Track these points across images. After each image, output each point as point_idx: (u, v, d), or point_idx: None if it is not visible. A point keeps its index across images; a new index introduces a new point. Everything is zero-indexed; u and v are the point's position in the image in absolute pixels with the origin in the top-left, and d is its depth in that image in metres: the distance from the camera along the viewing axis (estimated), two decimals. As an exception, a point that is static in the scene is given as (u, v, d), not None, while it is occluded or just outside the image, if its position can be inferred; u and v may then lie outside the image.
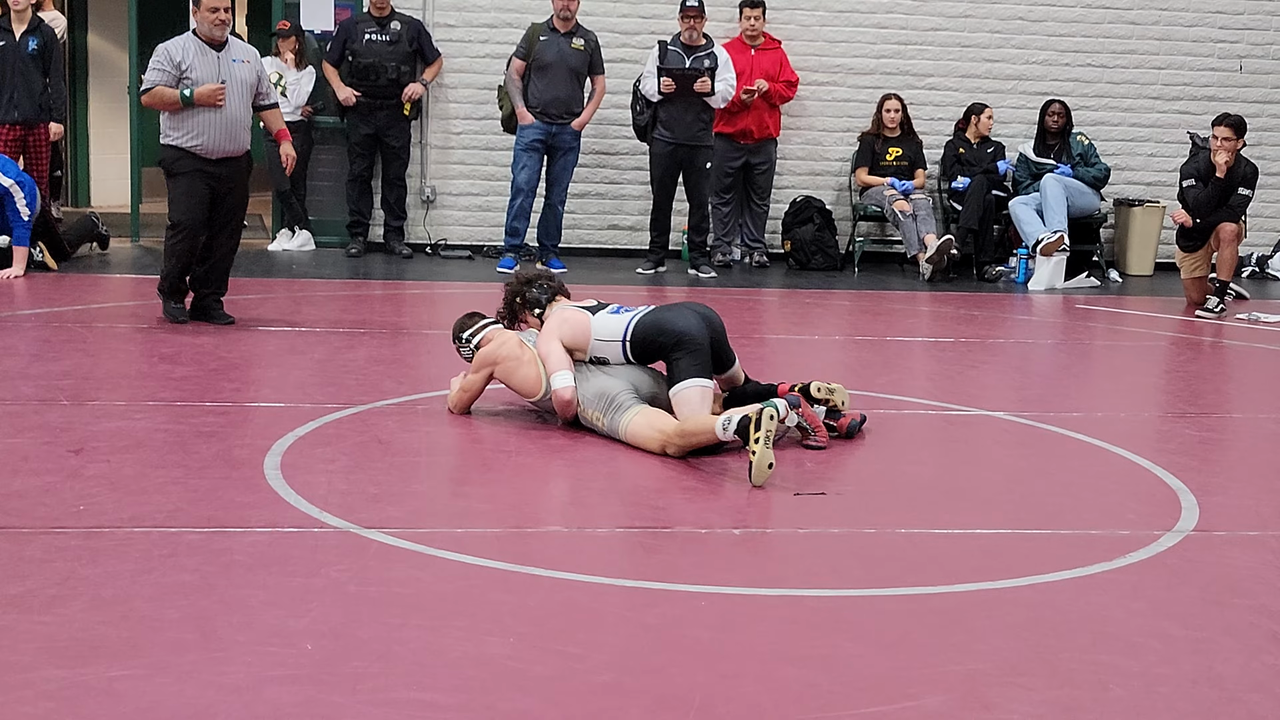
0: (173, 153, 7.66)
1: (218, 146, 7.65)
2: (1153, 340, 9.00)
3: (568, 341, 5.77)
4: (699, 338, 5.62)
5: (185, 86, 7.53)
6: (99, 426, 5.58)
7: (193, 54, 7.60)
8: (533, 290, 6.05)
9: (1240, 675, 3.52)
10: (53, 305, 8.46)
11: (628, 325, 5.74)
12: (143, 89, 7.67)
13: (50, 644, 3.43)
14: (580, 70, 10.84)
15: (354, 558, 4.15)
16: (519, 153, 10.86)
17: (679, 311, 5.76)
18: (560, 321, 5.83)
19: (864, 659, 3.54)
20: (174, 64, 7.56)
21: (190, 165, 7.63)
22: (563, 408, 5.71)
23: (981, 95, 12.17)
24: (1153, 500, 5.13)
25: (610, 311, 5.84)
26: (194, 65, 7.56)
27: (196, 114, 7.57)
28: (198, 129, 7.59)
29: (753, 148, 11.63)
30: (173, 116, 7.62)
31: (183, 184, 7.67)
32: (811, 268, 11.73)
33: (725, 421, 5.18)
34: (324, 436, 5.57)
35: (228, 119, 7.65)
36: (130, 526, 4.34)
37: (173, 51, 7.60)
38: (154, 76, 7.59)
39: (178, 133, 7.63)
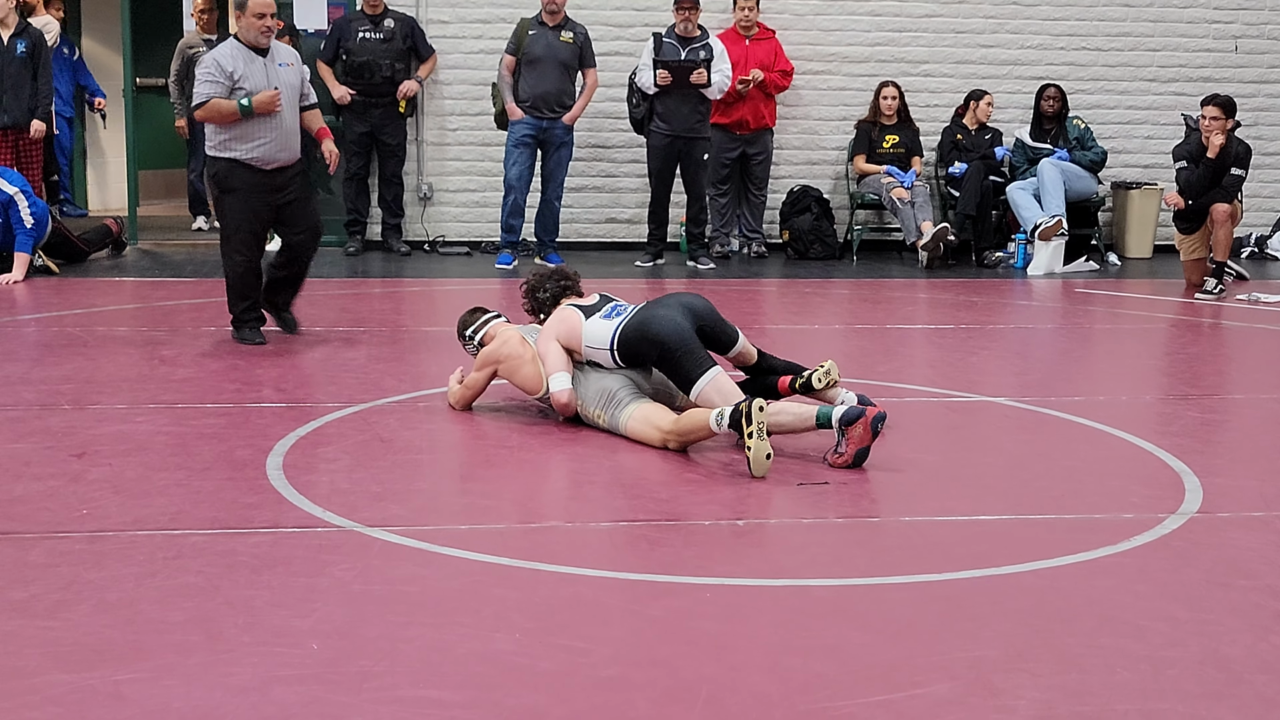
0: (228, 166, 7.27)
1: (274, 156, 7.30)
2: (1153, 323, 9.00)
3: (563, 341, 5.78)
4: (682, 338, 5.57)
5: (241, 96, 7.17)
6: (101, 430, 5.58)
7: (242, 62, 7.22)
8: (539, 294, 6.06)
9: (1247, 656, 3.52)
10: (53, 310, 8.46)
11: (614, 332, 5.70)
12: (196, 103, 7.23)
13: (56, 649, 3.43)
14: (570, 64, 10.80)
15: (358, 556, 4.15)
16: (510, 148, 10.83)
17: (659, 314, 5.66)
18: (557, 321, 5.84)
19: (870, 648, 3.54)
20: (226, 74, 7.16)
21: (246, 179, 7.26)
22: (561, 409, 5.73)
23: (977, 81, 12.16)
24: (1156, 483, 5.12)
25: (604, 315, 5.81)
26: (245, 74, 7.20)
27: (252, 124, 7.21)
28: (255, 139, 7.24)
29: (749, 138, 11.62)
30: (226, 129, 7.23)
31: (238, 199, 7.30)
32: (810, 257, 11.72)
33: (718, 416, 5.18)
34: (325, 436, 5.57)
35: (282, 126, 7.32)
36: (134, 530, 4.34)
37: (223, 61, 7.19)
38: (208, 89, 7.17)
39: (233, 145, 7.24)
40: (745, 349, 5.95)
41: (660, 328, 5.59)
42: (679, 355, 5.54)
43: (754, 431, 5.00)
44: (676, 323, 5.61)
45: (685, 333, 5.59)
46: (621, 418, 5.54)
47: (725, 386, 5.51)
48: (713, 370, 5.54)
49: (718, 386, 5.50)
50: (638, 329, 5.64)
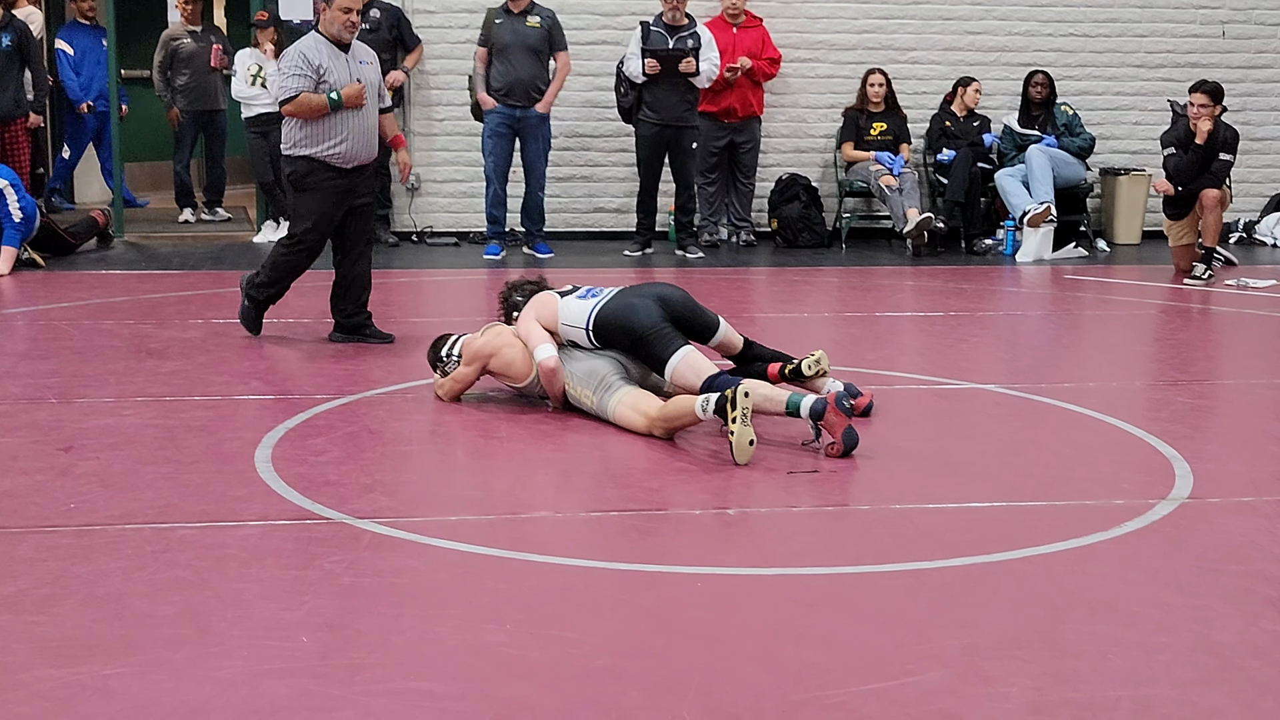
0: (306, 165, 7.07)
1: (355, 154, 7.15)
2: (1142, 309, 9.00)
3: (541, 321, 5.82)
4: (653, 323, 5.62)
5: (327, 89, 6.98)
6: (88, 424, 5.55)
7: (326, 56, 7.03)
8: (515, 296, 6.08)
9: (1238, 641, 3.52)
10: (39, 303, 8.42)
11: (590, 313, 5.73)
12: (284, 97, 7.00)
13: (44, 643, 3.41)
14: (539, 49, 10.68)
15: (348, 548, 4.14)
16: (485, 139, 10.77)
17: (632, 302, 5.70)
18: (534, 304, 5.88)
19: (862, 636, 3.54)
20: (312, 68, 6.96)
21: (324, 178, 7.08)
22: (548, 376, 5.69)
23: (965, 68, 12.15)
24: (1147, 469, 5.12)
25: (579, 296, 5.85)
26: (330, 68, 7.01)
27: (336, 120, 7.03)
28: (338, 136, 7.06)
29: (737, 126, 11.60)
30: (307, 125, 7.03)
31: (315, 199, 7.11)
32: (799, 245, 11.71)
33: (704, 402, 5.18)
34: (314, 427, 5.55)
35: (365, 124, 7.16)
36: (122, 523, 4.32)
37: (309, 54, 6.99)
38: (296, 83, 6.96)
39: (315, 142, 7.05)
40: (728, 337, 5.95)
41: (631, 316, 5.64)
42: (649, 339, 5.59)
43: (737, 418, 5.01)
44: (648, 309, 5.66)
45: (655, 318, 5.63)
46: (610, 402, 5.54)
47: (698, 363, 5.54)
48: (684, 349, 5.57)
49: (690, 364, 5.53)
50: (612, 315, 5.68)
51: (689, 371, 5.50)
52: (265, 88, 11.15)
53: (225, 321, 7.80)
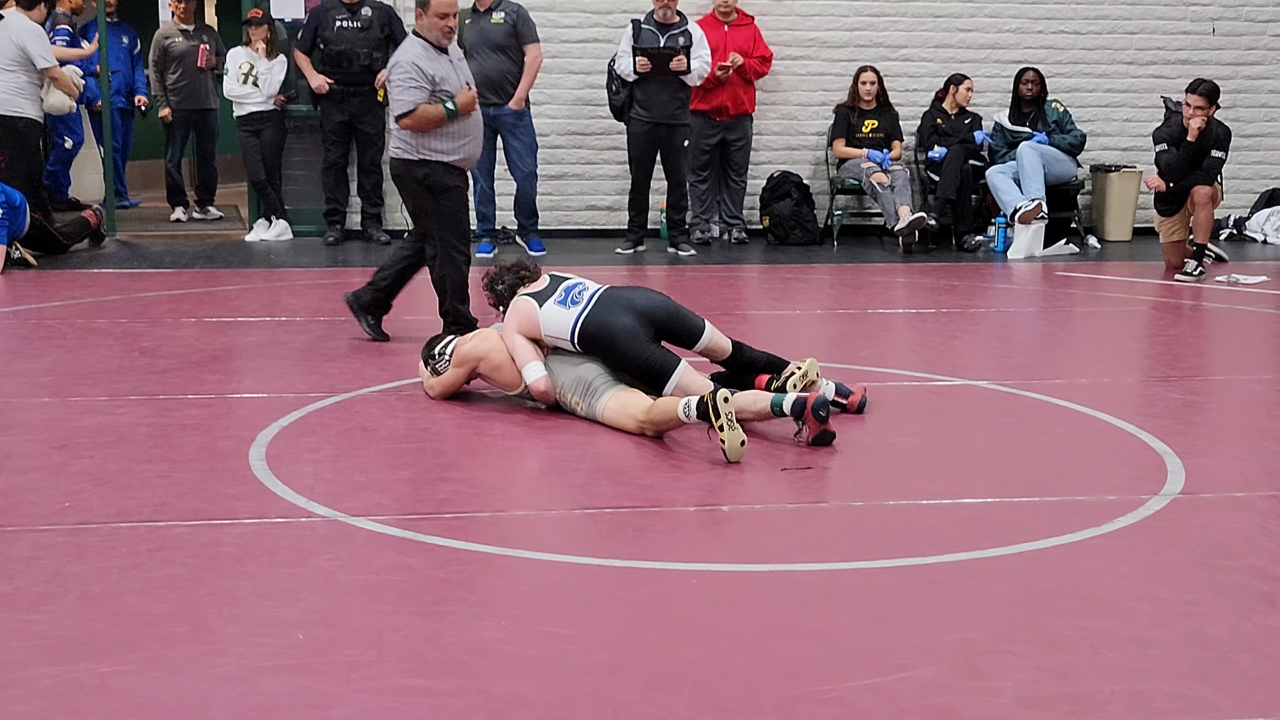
0: (441, 169, 7.00)
1: (474, 154, 7.14)
2: (1133, 305, 9.02)
3: (524, 331, 5.84)
4: (640, 350, 5.66)
5: (444, 99, 6.93)
6: (82, 422, 5.55)
7: (435, 63, 6.95)
8: (498, 286, 6.09)
9: (1231, 636, 3.53)
10: (32, 302, 8.42)
11: (574, 325, 5.75)
12: (401, 111, 6.89)
13: (41, 641, 3.42)
14: (506, 45, 10.54)
15: (342, 546, 4.15)
16: None
17: (615, 325, 5.70)
18: (514, 314, 5.90)
19: (857, 631, 3.55)
20: (427, 78, 6.87)
21: (456, 179, 7.06)
22: (540, 397, 5.77)
23: (956, 65, 12.16)
24: (1139, 465, 5.14)
25: (558, 302, 5.85)
26: (443, 75, 6.94)
27: (457, 125, 6.99)
28: (462, 141, 7.03)
29: (728, 124, 11.60)
30: (433, 133, 6.95)
31: (453, 199, 7.06)
32: (790, 243, 11.73)
33: (686, 406, 5.22)
34: (308, 426, 5.56)
35: (477, 124, 7.14)
36: (117, 522, 4.32)
37: (423, 65, 6.89)
38: (415, 95, 6.86)
39: (446, 148, 6.98)
40: (715, 342, 5.96)
41: (616, 340, 5.68)
42: (641, 365, 5.66)
43: (724, 424, 5.03)
44: (633, 332, 5.69)
45: (642, 343, 5.67)
46: (598, 406, 5.56)
47: (692, 383, 5.60)
48: (678, 371, 5.62)
49: (683, 385, 5.60)
50: (598, 333, 5.72)
51: (684, 391, 5.57)
52: (257, 86, 11.15)
53: (217, 320, 7.80)
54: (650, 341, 5.71)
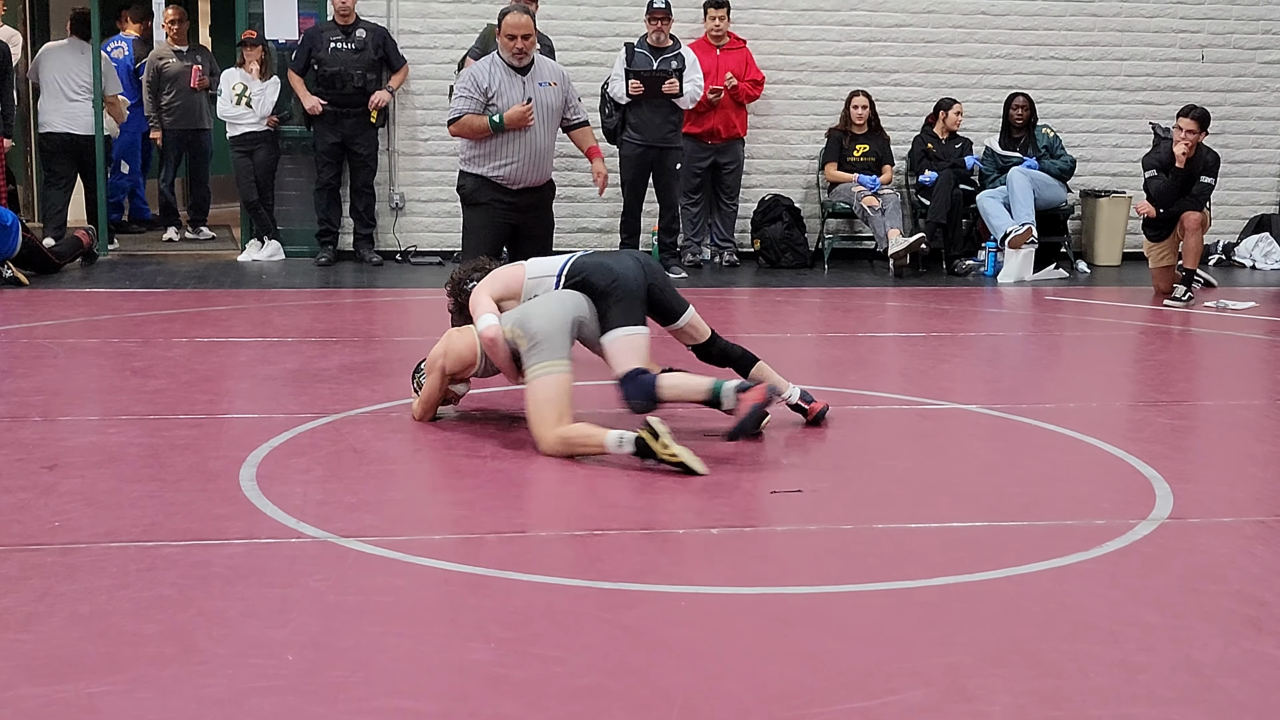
0: (474, 181, 7.21)
1: (522, 177, 7.20)
2: (1122, 330, 9.04)
3: (498, 293, 5.85)
4: (632, 284, 5.69)
5: (493, 112, 7.09)
6: (72, 442, 5.55)
7: (499, 78, 7.15)
8: (466, 285, 6.05)
9: (1219, 661, 3.54)
10: (22, 321, 8.42)
11: (564, 263, 5.85)
12: (451, 118, 7.20)
13: (28, 661, 3.41)
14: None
15: (332, 567, 4.15)
16: None
17: (616, 256, 5.86)
18: (490, 279, 5.94)
19: (845, 654, 3.55)
20: (481, 90, 7.09)
21: (490, 195, 7.18)
22: (488, 346, 5.66)
23: (947, 90, 12.22)
24: (1127, 489, 5.15)
25: (548, 259, 6.04)
26: (501, 90, 7.11)
27: (504, 141, 7.14)
28: (505, 157, 7.17)
29: (720, 147, 11.64)
30: (476, 144, 7.18)
31: (481, 215, 7.21)
32: (781, 266, 11.75)
33: (620, 439, 5.25)
34: (299, 446, 5.56)
35: (534, 146, 7.21)
36: (106, 542, 4.32)
37: (479, 77, 7.13)
38: (462, 104, 7.12)
39: (483, 160, 7.18)
40: (694, 325, 5.99)
41: (620, 267, 5.74)
42: (621, 300, 5.65)
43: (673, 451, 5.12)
44: (634, 271, 5.74)
45: (638, 282, 5.71)
46: (534, 368, 5.47)
47: (640, 349, 5.61)
48: (634, 330, 5.63)
49: (633, 345, 5.61)
50: (594, 262, 5.78)
51: (624, 353, 5.57)
52: (250, 107, 11.17)
53: (209, 340, 7.81)
54: (644, 288, 5.73)
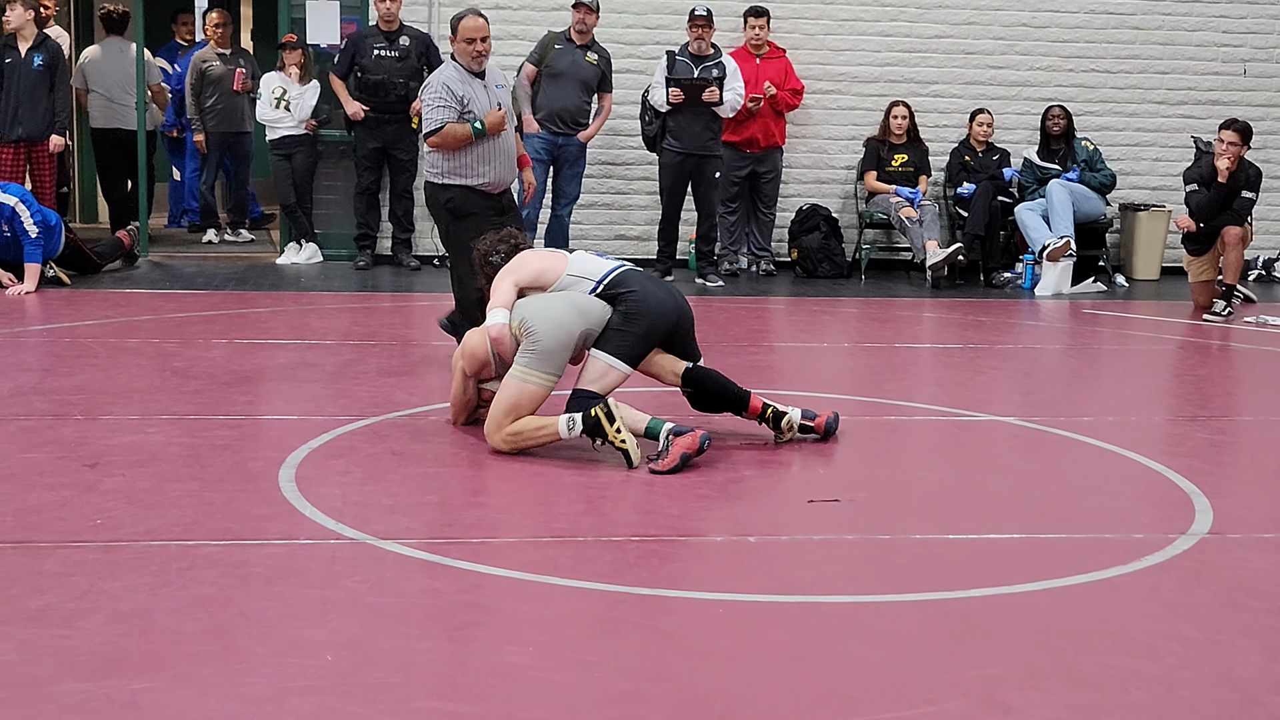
0: (460, 193, 7.06)
1: (502, 178, 7.17)
2: (1161, 344, 9.00)
3: (526, 281, 5.78)
4: (658, 326, 5.68)
5: (472, 119, 6.99)
6: (113, 441, 5.59)
7: (466, 85, 7.05)
8: (493, 258, 6.00)
9: (1260, 677, 3.53)
10: (64, 320, 8.48)
11: (612, 270, 5.78)
12: (429, 130, 7.00)
13: (71, 657, 3.44)
14: (590, 83, 10.88)
15: (371, 569, 4.17)
16: None
17: (663, 291, 5.81)
18: (520, 263, 5.85)
19: (882, 664, 3.55)
20: (456, 98, 6.97)
21: (479, 204, 7.08)
22: (495, 344, 5.66)
23: (986, 102, 12.18)
24: (1166, 503, 5.13)
25: (595, 254, 5.98)
26: (471, 96, 7.03)
27: (481, 148, 7.04)
28: (485, 164, 7.07)
29: (758, 156, 11.64)
30: (456, 156, 7.03)
31: (473, 226, 6.96)
32: (818, 275, 11.74)
33: (569, 422, 5.38)
34: (337, 448, 5.59)
35: (507, 148, 7.16)
36: (148, 540, 4.36)
37: (452, 85, 7.00)
38: (442, 114, 6.96)
39: (465, 172, 7.06)
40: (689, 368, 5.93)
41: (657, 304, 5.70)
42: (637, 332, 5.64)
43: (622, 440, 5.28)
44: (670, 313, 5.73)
45: (662, 328, 5.70)
46: (521, 371, 5.50)
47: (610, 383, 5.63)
48: (625, 367, 5.65)
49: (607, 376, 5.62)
50: (643, 286, 5.73)
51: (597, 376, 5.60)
52: (289, 110, 11.23)
53: (248, 341, 7.85)
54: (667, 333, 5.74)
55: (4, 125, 10.50)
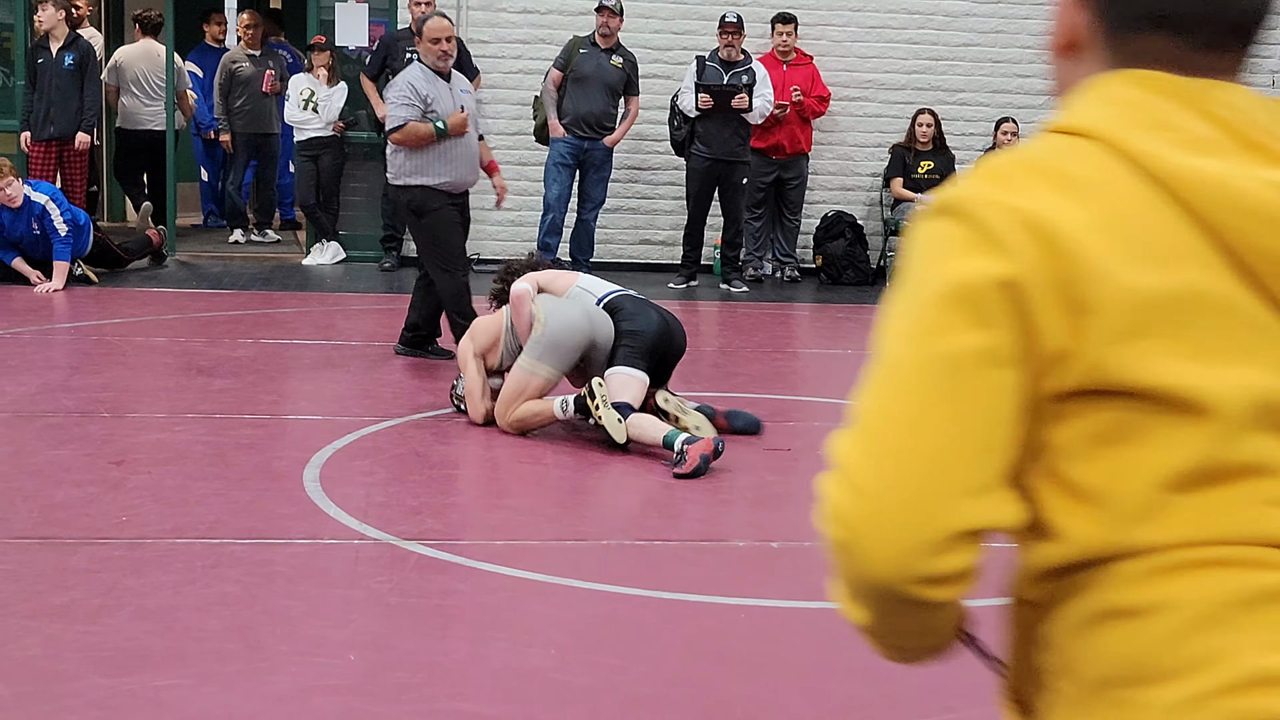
0: (421, 192, 7.18)
1: (464, 180, 7.28)
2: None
3: (543, 281, 6.11)
4: (649, 340, 5.86)
5: (434, 118, 7.11)
6: (140, 439, 5.62)
7: (430, 85, 7.20)
8: (514, 265, 6.35)
9: None
10: (92, 319, 8.53)
11: (607, 292, 6.10)
12: (391, 126, 7.16)
13: (96, 653, 3.46)
14: (616, 87, 10.88)
15: (394, 569, 4.18)
16: (550, 168, 10.90)
17: (655, 312, 6.01)
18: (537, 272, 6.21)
19: (905, 671, 3.52)
20: (420, 97, 7.11)
21: (442, 201, 7.19)
22: (517, 300, 5.96)
23: (1013, 110, 12.16)
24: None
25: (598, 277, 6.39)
26: (434, 96, 7.16)
27: (444, 149, 7.15)
28: (448, 164, 7.18)
29: (784, 163, 11.63)
30: (417, 155, 7.14)
31: (442, 218, 7.17)
32: (843, 282, 11.73)
33: (564, 403, 5.67)
34: (362, 449, 5.61)
35: (470, 150, 7.26)
36: (173, 538, 4.38)
37: (416, 85, 7.15)
38: (404, 112, 7.10)
39: (427, 171, 7.17)
40: None
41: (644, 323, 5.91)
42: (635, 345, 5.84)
43: (599, 415, 5.48)
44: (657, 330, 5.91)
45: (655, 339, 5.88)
46: (531, 362, 5.80)
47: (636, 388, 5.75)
48: (640, 373, 5.78)
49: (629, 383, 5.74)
50: (626, 306, 6.01)
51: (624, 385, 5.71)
52: (317, 112, 11.27)
53: (274, 341, 7.88)
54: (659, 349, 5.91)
55: (35, 124, 10.56)
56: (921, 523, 1.18)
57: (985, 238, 1.21)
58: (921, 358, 1.20)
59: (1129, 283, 1.20)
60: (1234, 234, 1.21)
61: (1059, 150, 1.28)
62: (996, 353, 1.18)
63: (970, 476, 1.20)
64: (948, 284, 1.21)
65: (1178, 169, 1.23)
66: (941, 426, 1.18)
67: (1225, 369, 1.21)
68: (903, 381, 1.21)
